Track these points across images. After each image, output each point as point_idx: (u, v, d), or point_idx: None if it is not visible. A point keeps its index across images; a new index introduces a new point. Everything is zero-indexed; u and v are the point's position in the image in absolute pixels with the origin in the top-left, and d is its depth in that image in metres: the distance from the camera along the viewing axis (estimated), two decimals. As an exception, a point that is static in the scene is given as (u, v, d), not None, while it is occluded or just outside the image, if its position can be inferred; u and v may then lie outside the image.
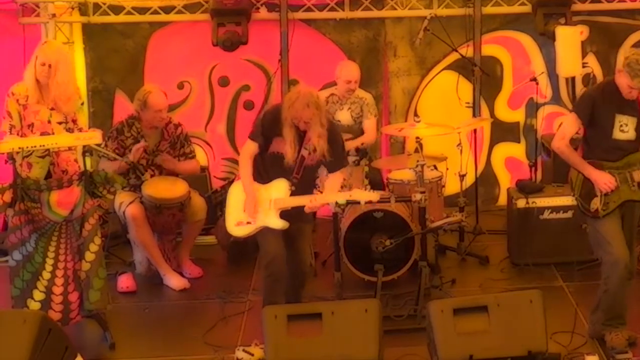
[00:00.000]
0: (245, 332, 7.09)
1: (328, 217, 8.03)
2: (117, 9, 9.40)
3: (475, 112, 9.52)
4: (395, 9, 9.53)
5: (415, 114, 9.47)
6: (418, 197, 7.45)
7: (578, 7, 9.40)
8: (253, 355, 6.47)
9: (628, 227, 6.54)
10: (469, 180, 8.89)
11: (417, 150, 7.91)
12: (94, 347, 6.94)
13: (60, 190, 6.80)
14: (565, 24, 9.20)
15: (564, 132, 6.50)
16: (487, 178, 9.82)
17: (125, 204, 7.88)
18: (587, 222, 6.61)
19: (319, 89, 8.65)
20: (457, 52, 9.27)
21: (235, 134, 9.75)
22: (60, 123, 7.37)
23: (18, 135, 7.27)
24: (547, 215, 8.09)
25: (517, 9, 9.52)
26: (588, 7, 9.46)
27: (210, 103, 9.80)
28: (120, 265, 8.25)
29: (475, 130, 8.93)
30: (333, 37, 9.68)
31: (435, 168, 8.31)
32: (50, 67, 7.23)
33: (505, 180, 9.82)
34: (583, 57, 9.35)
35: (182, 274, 8.14)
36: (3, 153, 6.80)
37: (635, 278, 6.73)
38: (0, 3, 9.35)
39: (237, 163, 9.53)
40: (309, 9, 9.47)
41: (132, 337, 7.15)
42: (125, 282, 7.97)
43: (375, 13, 9.56)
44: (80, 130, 7.39)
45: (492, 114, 9.74)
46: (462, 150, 8.48)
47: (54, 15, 9.29)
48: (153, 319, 7.51)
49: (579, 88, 9.50)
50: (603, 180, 6.34)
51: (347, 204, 7.51)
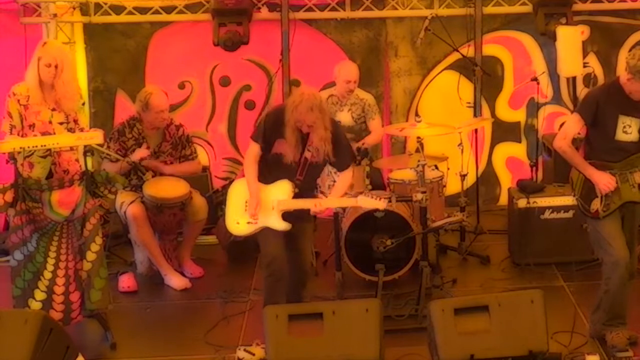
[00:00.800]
0: (247, 331, 7.10)
1: (329, 216, 8.03)
2: (118, 9, 9.41)
3: (476, 112, 9.53)
4: (396, 9, 9.54)
5: (416, 114, 9.47)
6: (419, 196, 7.45)
7: (579, 7, 9.40)
8: (254, 355, 6.48)
9: (628, 227, 6.54)
10: (470, 180, 8.89)
11: (418, 150, 7.91)
12: (95, 346, 6.95)
13: (62, 190, 6.81)
14: (566, 24, 9.20)
15: (566, 132, 6.49)
16: (488, 178, 9.82)
17: (127, 204, 7.88)
18: (587, 222, 6.61)
19: (320, 89, 8.66)
20: (458, 52, 9.27)
21: (237, 134, 9.76)
22: (62, 123, 7.38)
23: (19, 136, 7.28)
24: (548, 215, 8.09)
25: (518, 9, 9.52)
26: (589, 7, 9.46)
27: (212, 103, 9.80)
28: (122, 265, 8.27)
29: (476, 130, 8.93)
30: (334, 37, 9.68)
31: (436, 168, 8.31)
32: (57, 67, 7.23)
33: (506, 180, 9.82)
34: (584, 57, 9.36)
35: (183, 274, 8.14)
36: (4, 153, 6.81)
37: (636, 278, 6.73)
38: (2, 3, 9.35)
39: (238, 163, 9.59)
40: (310, 9, 9.47)
41: (133, 336, 7.16)
42: (127, 281, 7.98)
43: (376, 13, 9.56)
44: (82, 130, 7.39)
45: (493, 114, 9.74)
46: (463, 150, 8.48)
47: (55, 15, 9.29)
48: (154, 319, 7.51)
49: (580, 88, 9.50)
50: (603, 182, 6.34)
51: (348, 204, 7.53)
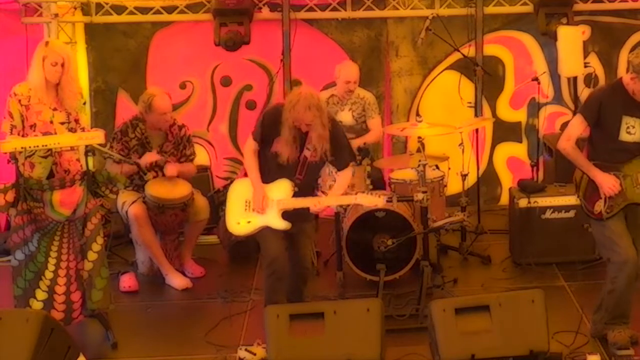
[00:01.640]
0: (248, 331, 7.09)
1: (330, 216, 8.05)
2: (119, 9, 9.41)
3: (477, 111, 9.54)
4: (397, 9, 9.54)
5: (417, 114, 9.49)
6: (420, 196, 7.46)
7: (580, 7, 9.40)
8: (255, 355, 6.48)
9: (632, 226, 6.51)
10: (471, 180, 8.89)
11: (419, 150, 7.92)
12: (97, 346, 6.95)
13: (63, 190, 6.81)
14: (567, 24, 9.21)
15: (570, 133, 6.47)
16: (489, 178, 9.82)
17: (128, 204, 7.89)
18: (591, 223, 6.59)
19: (321, 89, 8.71)
20: (459, 52, 9.27)
21: (238, 134, 9.76)
22: (63, 123, 7.37)
23: (19, 136, 7.28)
24: (548, 215, 8.09)
25: (519, 9, 9.53)
26: (590, 7, 9.46)
27: (213, 103, 9.81)
28: (123, 265, 8.27)
29: (477, 130, 8.93)
30: (335, 37, 9.68)
31: (437, 168, 8.31)
32: (63, 65, 7.24)
33: (507, 180, 9.82)
34: (585, 57, 9.36)
35: (184, 274, 8.15)
36: (5, 153, 6.81)
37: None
38: (3, 3, 9.35)
39: (239, 163, 9.58)
40: (311, 9, 9.48)
41: (134, 336, 7.16)
42: (128, 281, 7.98)
43: (377, 13, 9.56)
44: (83, 130, 7.39)
45: (494, 114, 9.74)
46: (464, 150, 8.48)
47: (57, 15, 9.30)
48: (155, 319, 7.52)
49: (581, 88, 9.50)
50: (607, 184, 6.32)
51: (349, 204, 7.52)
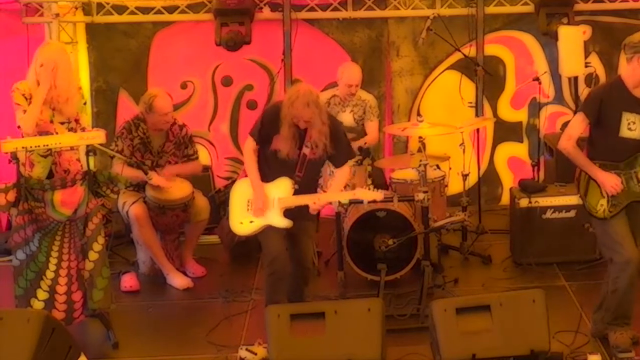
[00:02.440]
0: (249, 331, 7.10)
1: (331, 216, 8.06)
2: (120, 9, 9.42)
3: (478, 111, 9.55)
4: (398, 9, 9.54)
5: (418, 114, 9.50)
6: (421, 196, 7.46)
7: (581, 6, 9.41)
8: (256, 355, 6.49)
9: (634, 225, 6.49)
10: (472, 180, 8.89)
11: (420, 150, 7.93)
12: (98, 346, 6.95)
13: (64, 190, 6.81)
14: (568, 24, 9.21)
15: (571, 132, 6.46)
16: (489, 177, 9.82)
17: (129, 204, 7.89)
18: (593, 223, 6.57)
19: (322, 89, 8.71)
20: (460, 51, 9.28)
21: (239, 134, 9.76)
22: (63, 123, 7.37)
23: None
24: (549, 215, 8.09)
25: (519, 9, 9.53)
26: (591, 6, 9.47)
27: (214, 103, 9.81)
28: (124, 265, 8.27)
29: (478, 130, 8.93)
30: (336, 37, 9.69)
31: (438, 167, 8.31)
32: (53, 70, 7.22)
33: (508, 180, 9.82)
34: (586, 56, 9.35)
35: (185, 274, 8.15)
36: (6, 153, 6.81)
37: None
38: (4, 3, 9.36)
39: (240, 162, 9.58)
40: (312, 9, 9.48)
41: (135, 336, 7.16)
42: (129, 281, 7.99)
43: (378, 13, 9.57)
44: (83, 130, 7.39)
45: (494, 114, 9.75)
46: (464, 150, 8.48)
47: (58, 15, 9.30)
48: (156, 319, 7.52)
49: (582, 88, 9.49)
50: (609, 183, 6.31)
51: (350, 204, 7.53)
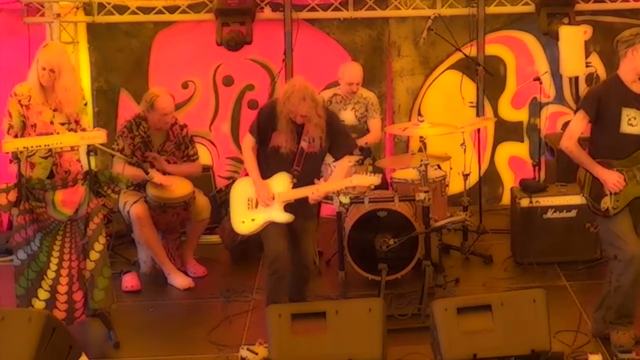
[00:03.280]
0: (250, 331, 7.10)
1: (332, 216, 8.06)
2: (121, 9, 9.43)
3: (479, 111, 9.55)
4: (399, 9, 9.55)
5: (419, 114, 9.50)
6: (422, 196, 7.46)
7: (581, 6, 9.41)
8: (257, 354, 6.49)
9: (637, 222, 6.47)
10: (473, 180, 8.89)
11: (420, 150, 7.93)
12: (99, 346, 6.96)
13: (65, 190, 6.81)
14: (569, 24, 9.21)
15: (572, 131, 6.45)
16: (490, 177, 9.83)
17: (130, 204, 7.89)
18: (597, 221, 6.56)
19: (323, 89, 8.72)
20: (460, 51, 9.28)
21: (240, 134, 9.75)
22: (63, 124, 7.38)
23: (16, 137, 7.28)
24: (550, 215, 8.09)
25: (520, 9, 9.54)
26: (591, 6, 9.47)
27: (215, 102, 9.82)
28: (125, 265, 8.28)
29: (479, 130, 8.93)
30: (337, 36, 9.69)
31: (439, 167, 8.31)
32: (53, 71, 7.22)
33: (509, 180, 9.83)
34: (586, 56, 9.35)
35: (186, 273, 8.15)
36: (7, 152, 6.82)
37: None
38: (5, 2, 9.36)
39: (241, 162, 9.57)
40: (313, 9, 9.49)
41: (136, 336, 7.16)
42: (130, 281, 7.99)
43: (379, 13, 9.57)
44: (84, 131, 7.40)
45: (495, 114, 9.75)
46: (465, 150, 8.48)
47: (59, 15, 9.31)
48: (157, 318, 7.52)
49: (583, 88, 9.49)
50: (612, 180, 6.31)
51: (351, 203, 7.53)
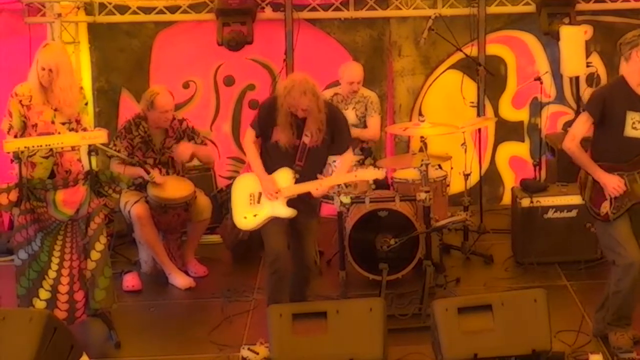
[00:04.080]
0: (250, 330, 7.11)
1: (333, 216, 8.06)
2: (122, 9, 9.43)
3: (480, 111, 9.55)
4: (400, 9, 9.55)
5: (420, 114, 9.50)
6: (422, 196, 7.46)
7: (582, 6, 9.41)
8: (258, 354, 6.49)
9: (636, 227, 6.48)
10: (473, 180, 8.88)
11: (421, 150, 7.94)
12: (100, 345, 6.97)
13: (66, 190, 6.82)
14: (570, 24, 9.21)
15: (575, 132, 6.44)
16: (491, 177, 9.83)
17: (131, 203, 7.90)
18: (596, 225, 6.56)
19: (324, 89, 8.70)
20: (461, 51, 9.28)
21: (241, 133, 9.74)
22: (64, 124, 7.39)
23: (16, 137, 7.29)
24: (551, 215, 8.09)
25: (521, 9, 9.54)
26: (592, 6, 9.47)
27: (216, 102, 9.83)
28: (126, 264, 8.29)
29: (480, 130, 8.93)
30: (338, 36, 9.69)
31: (440, 167, 8.32)
32: (52, 71, 7.23)
33: (510, 180, 9.83)
34: (587, 56, 9.35)
35: (187, 273, 8.16)
36: (8, 152, 6.82)
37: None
38: (6, 2, 9.37)
39: (242, 162, 9.59)
40: (314, 9, 9.49)
41: (137, 335, 7.17)
42: (131, 281, 8.00)
43: (380, 13, 9.58)
44: (85, 131, 7.41)
45: (496, 113, 9.75)
46: (466, 150, 8.48)
47: (60, 15, 9.31)
48: (158, 318, 7.52)
49: (583, 87, 9.49)
50: (612, 184, 6.30)
51: (352, 203, 7.53)
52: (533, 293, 6.16)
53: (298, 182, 6.69)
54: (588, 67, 9.40)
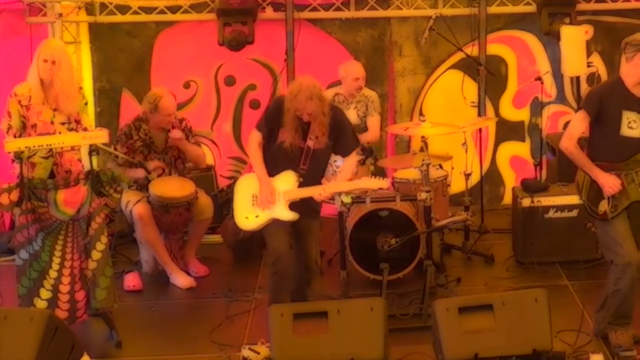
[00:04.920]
0: (252, 330, 7.11)
1: (334, 216, 8.06)
2: (123, 9, 9.44)
3: (480, 111, 9.55)
4: (401, 9, 9.55)
5: (421, 113, 9.50)
6: (423, 196, 7.46)
7: (583, 6, 9.41)
8: (259, 354, 6.49)
9: (634, 227, 6.50)
10: (474, 179, 8.90)
11: (422, 150, 7.94)
12: (101, 345, 6.97)
13: (67, 189, 6.82)
14: (570, 24, 9.21)
15: (572, 131, 6.46)
16: (492, 177, 9.83)
17: (132, 203, 7.90)
18: (595, 224, 6.58)
19: (325, 89, 8.69)
20: (462, 51, 9.29)
21: (242, 133, 9.77)
22: (63, 123, 7.40)
23: (16, 137, 7.30)
24: (552, 214, 8.09)
25: (522, 9, 9.54)
26: (593, 6, 9.47)
27: (217, 102, 9.83)
28: (127, 264, 8.29)
29: (480, 130, 8.94)
30: (339, 36, 9.70)
31: (441, 167, 8.32)
32: (54, 63, 7.25)
33: (510, 179, 9.83)
34: (588, 56, 9.35)
35: (188, 273, 8.16)
36: (9, 152, 6.83)
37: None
38: (7, 2, 9.38)
39: (243, 162, 9.60)
40: (315, 9, 9.50)
41: (138, 335, 7.17)
42: (132, 280, 8.00)
43: (381, 13, 9.58)
44: (85, 130, 7.41)
45: (497, 113, 9.75)
46: (467, 150, 8.49)
47: (61, 15, 9.32)
48: (159, 318, 7.53)
49: (584, 87, 9.49)
50: (609, 184, 6.30)
51: (352, 203, 7.54)
52: (534, 293, 6.16)
53: (301, 185, 6.68)
54: (589, 67, 9.41)
